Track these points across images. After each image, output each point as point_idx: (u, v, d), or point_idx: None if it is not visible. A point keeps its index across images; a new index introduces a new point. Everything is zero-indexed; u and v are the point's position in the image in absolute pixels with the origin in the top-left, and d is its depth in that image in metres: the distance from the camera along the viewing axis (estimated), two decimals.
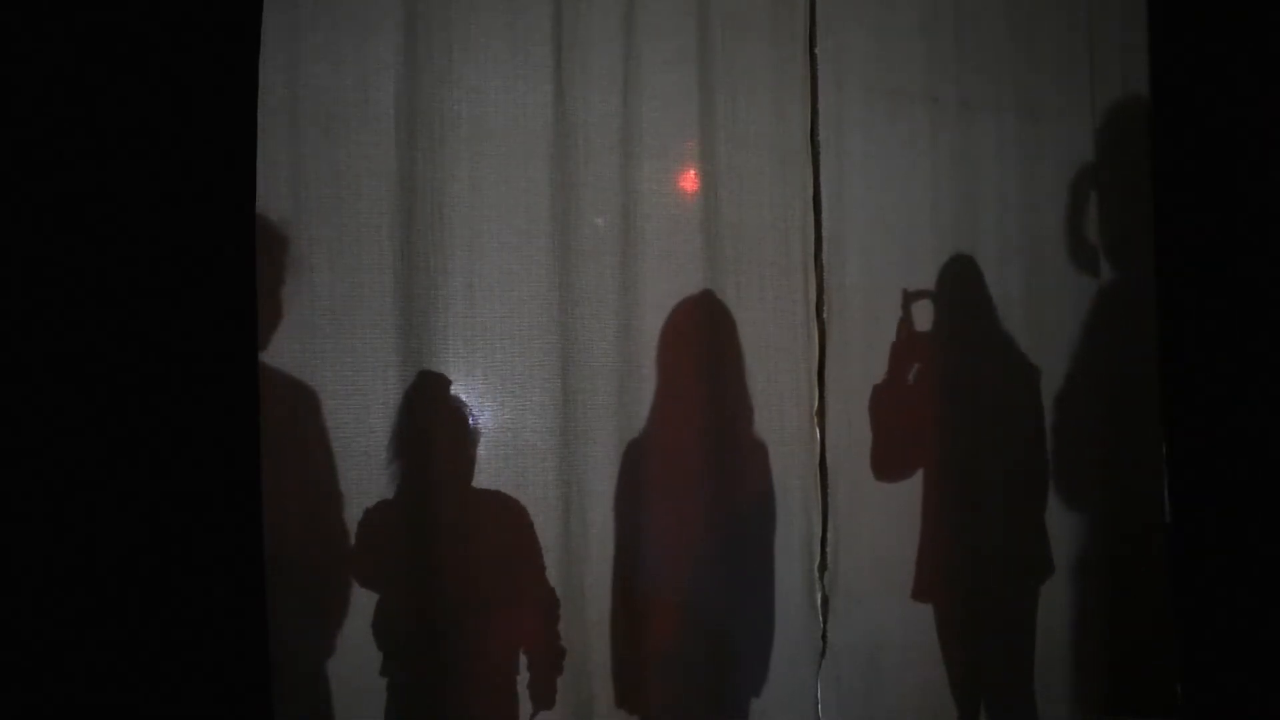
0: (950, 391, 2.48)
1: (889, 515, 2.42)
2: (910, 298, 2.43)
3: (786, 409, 2.29)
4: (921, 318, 2.44)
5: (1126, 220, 2.72)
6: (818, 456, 2.33)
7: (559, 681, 2.04)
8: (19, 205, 1.58)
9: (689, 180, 2.24)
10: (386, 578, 1.93)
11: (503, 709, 2.01)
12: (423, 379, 1.96)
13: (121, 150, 1.64)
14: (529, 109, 2.07)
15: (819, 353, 2.34)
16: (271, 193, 1.83)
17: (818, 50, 2.35)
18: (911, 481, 2.47)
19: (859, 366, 2.39)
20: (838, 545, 2.33)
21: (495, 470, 2.02)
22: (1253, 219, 2.57)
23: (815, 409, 2.34)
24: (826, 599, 2.32)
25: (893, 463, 2.41)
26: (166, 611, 1.63)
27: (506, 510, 2.02)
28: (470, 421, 2.01)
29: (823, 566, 2.32)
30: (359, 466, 1.91)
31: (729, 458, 2.22)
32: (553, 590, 2.04)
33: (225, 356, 1.69)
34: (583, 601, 2.08)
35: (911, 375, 2.43)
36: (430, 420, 1.97)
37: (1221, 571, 2.59)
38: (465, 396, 2.01)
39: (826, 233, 2.35)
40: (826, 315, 2.35)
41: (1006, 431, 2.55)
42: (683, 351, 2.18)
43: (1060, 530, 2.61)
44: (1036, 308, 2.61)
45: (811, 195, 2.34)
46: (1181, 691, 2.67)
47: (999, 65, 2.58)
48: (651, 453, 2.14)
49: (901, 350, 2.42)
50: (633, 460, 2.13)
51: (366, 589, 1.92)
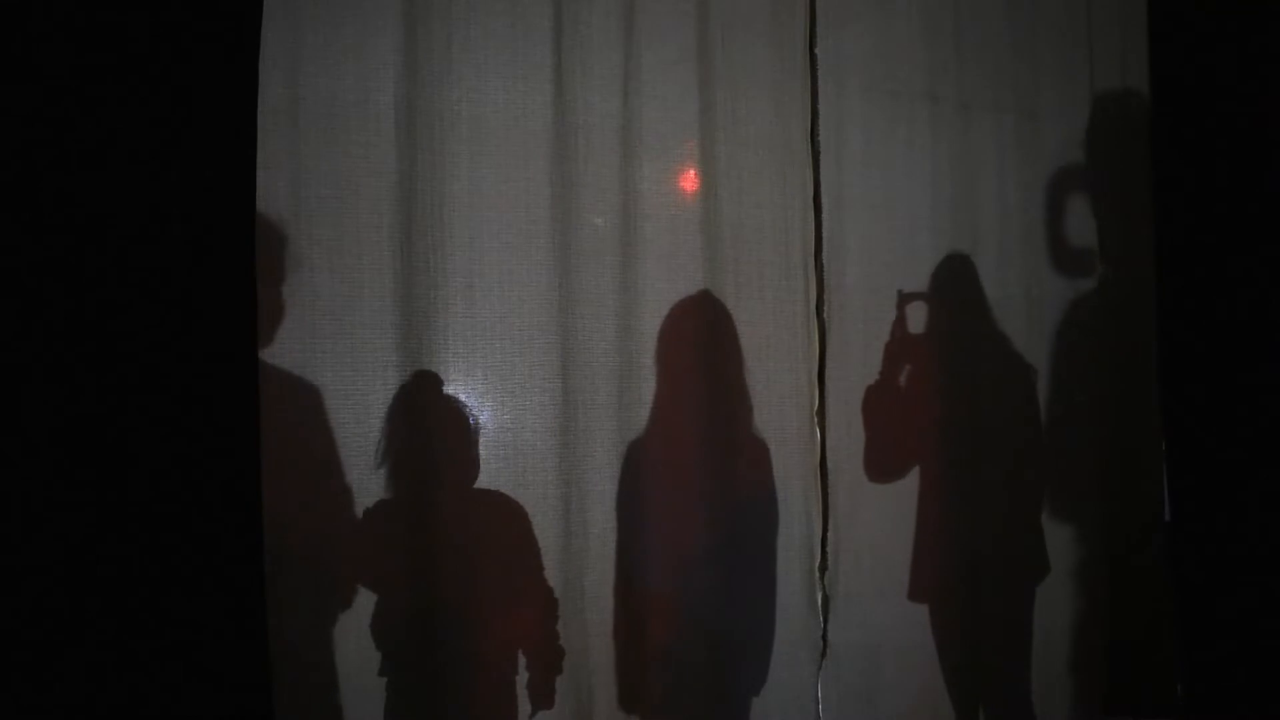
0: (946, 392, 2.48)
1: (889, 515, 2.42)
2: (905, 299, 2.42)
3: (786, 409, 2.29)
4: (915, 319, 2.44)
5: (1126, 220, 2.72)
6: (818, 456, 2.33)
7: (558, 681, 2.04)
8: (20, 205, 1.58)
9: (689, 180, 2.24)
10: (385, 577, 1.93)
11: (502, 709, 2.01)
12: (423, 379, 1.96)
13: (122, 150, 1.64)
14: (529, 109, 2.07)
15: (819, 353, 2.35)
16: (271, 193, 1.83)
17: (818, 50, 2.35)
18: (912, 481, 2.47)
19: (859, 366, 2.39)
20: (838, 545, 2.33)
21: (495, 470, 2.02)
22: (1252, 219, 2.57)
23: (815, 409, 2.34)
24: (827, 599, 2.32)
25: (886, 464, 2.41)
26: (166, 610, 1.62)
27: (505, 510, 2.02)
28: (470, 422, 2.01)
29: (823, 566, 2.32)
30: (359, 466, 1.91)
31: (729, 458, 2.22)
32: (551, 590, 2.04)
33: (225, 356, 1.69)
34: (583, 601, 2.08)
35: (904, 376, 2.43)
36: (430, 420, 1.97)
37: (1221, 571, 2.59)
38: (465, 396, 2.01)
39: (826, 233, 2.35)
40: (826, 315, 2.35)
41: (1003, 432, 2.55)
42: (683, 351, 2.18)
43: (1060, 530, 2.61)
44: (1036, 307, 2.61)
45: (811, 195, 2.34)
46: (1181, 691, 2.67)
47: (999, 65, 2.58)
48: (652, 453, 2.14)
49: (895, 351, 2.42)
50: (633, 460, 2.13)
51: (366, 588, 1.92)
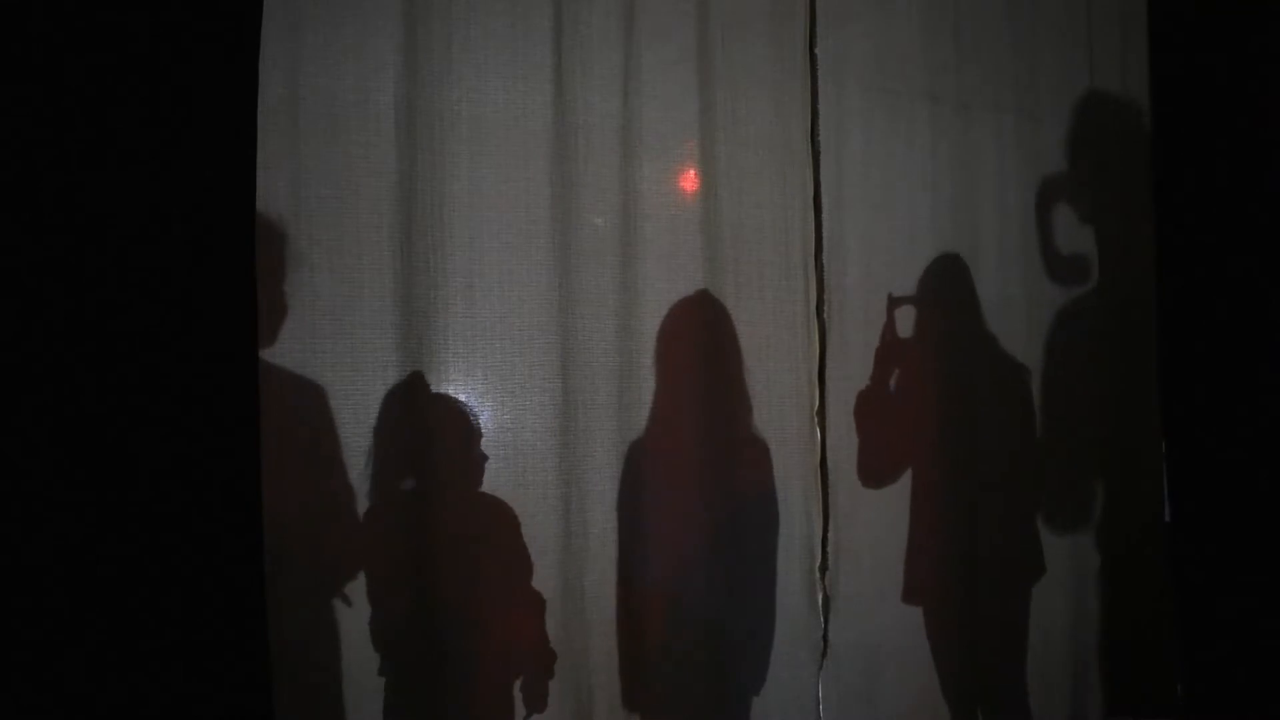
0: (939, 395, 2.47)
1: (890, 515, 2.42)
2: (894, 303, 2.42)
3: (787, 409, 2.29)
4: (905, 323, 2.44)
5: (1126, 220, 2.72)
6: (818, 456, 2.33)
7: (550, 685, 2.03)
8: (20, 205, 1.58)
9: (689, 180, 2.24)
10: (385, 577, 1.92)
11: (501, 709, 2.01)
12: (422, 379, 1.96)
13: (122, 150, 1.64)
14: (529, 109, 2.07)
15: (819, 353, 2.35)
16: (271, 193, 1.83)
17: (818, 50, 2.35)
18: (910, 483, 2.46)
19: (859, 366, 2.39)
20: (838, 545, 2.33)
21: (495, 470, 2.02)
22: (1252, 219, 2.57)
23: (815, 409, 2.34)
24: (827, 598, 2.32)
25: (879, 469, 2.40)
26: (166, 610, 1.62)
27: (497, 514, 2.01)
28: (471, 422, 2.01)
29: (823, 566, 2.32)
30: (359, 466, 1.91)
31: (729, 458, 2.22)
32: (539, 595, 2.03)
33: (225, 355, 1.69)
34: (583, 601, 2.08)
35: (894, 380, 2.42)
36: (430, 420, 1.97)
37: (1221, 571, 2.59)
38: (465, 396, 2.01)
39: (826, 233, 2.35)
40: (826, 315, 2.35)
41: (996, 433, 2.54)
42: (683, 351, 2.18)
43: (1060, 531, 2.61)
44: (1036, 308, 2.61)
45: (811, 195, 2.34)
46: (1181, 691, 2.67)
47: (999, 65, 2.58)
48: (652, 453, 2.14)
49: (885, 355, 2.41)
50: (633, 460, 2.13)
51: (366, 588, 1.91)
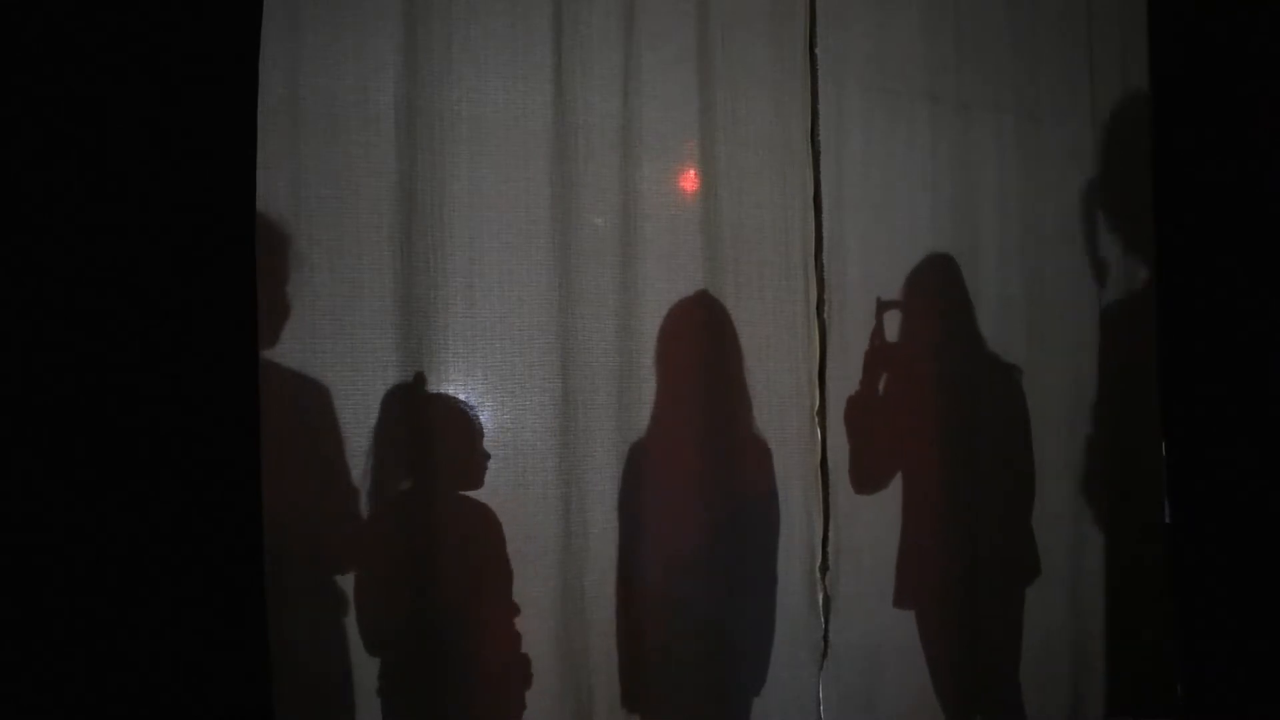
0: (930, 397, 2.47)
1: (890, 516, 2.42)
2: (883, 307, 2.41)
3: (787, 409, 2.29)
4: (893, 327, 2.43)
5: (1126, 220, 2.72)
6: (818, 457, 2.33)
7: (537, 691, 2.02)
8: (20, 205, 1.58)
9: (689, 180, 2.24)
10: (385, 577, 1.92)
11: (501, 710, 2.01)
12: (422, 379, 1.96)
13: (122, 150, 1.64)
14: (529, 109, 2.06)
15: (819, 353, 2.34)
16: (271, 193, 1.82)
17: (818, 50, 2.35)
18: (909, 485, 2.46)
19: (859, 367, 2.39)
20: (839, 545, 2.32)
21: (495, 470, 2.02)
22: (1253, 219, 2.57)
23: (815, 409, 2.33)
24: (828, 599, 2.32)
25: (871, 474, 2.39)
26: (166, 610, 1.62)
27: (480, 520, 2.00)
28: (471, 421, 2.01)
29: (824, 566, 2.32)
30: (359, 466, 1.91)
31: (730, 458, 2.22)
32: (516, 605, 2.01)
33: (225, 355, 1.69)
34: (583, 601, 2.07)
35: (883, 384, 2.41)
36: (429, 420, 1.96)
37: (1221, 572, 2.59)
38: (465, 396, 2.01)
39: (826, 233, 2.35)
40: (826, 315, 2.35)
41: (989, 435, 2.54)
42: (683, 351, 2.18)
43: (1060, 531, 2.61)
44: (1036, 308, 2.61)
45: (811, 195, 2.34)
46: (1181, 691, 2.67)
47: (999, 65, 2.58)
48: (652, 453, 2.14)
49: (874, 360, 2.40)
50: (633, 460, 2.12)
51: (366, 588, 1.91)
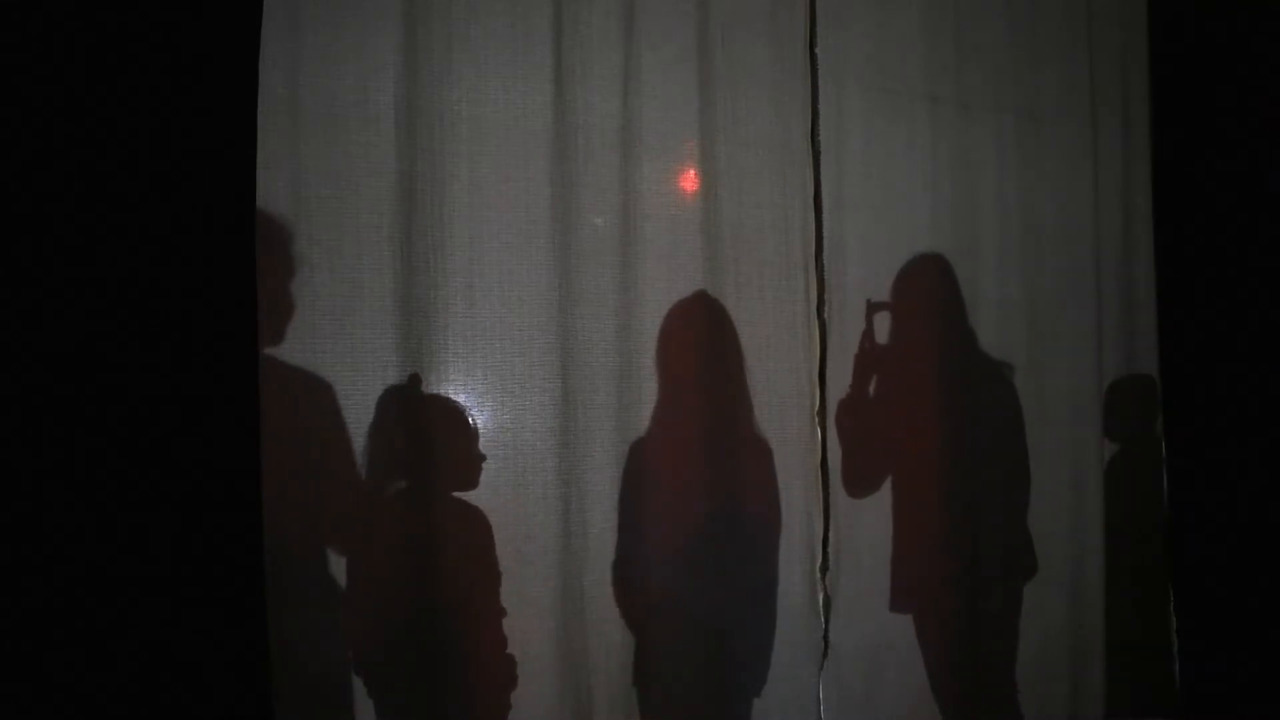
0: (924, 398, 2.46)
1: (890, 516, 2.41)
2: (873, 309, 2.40)
3: (787, 409, 2.28)
4: (883, 329, 2.43)
5: (1127, 220, 2.72)
6: (819, 457, 2.33)
7: (527, 695, 2.01)
8: (20, 205, 1.58)
9: (689, 180, 2.24)
10: (385, 577, 1.92)
11: (501, 710, 2.01)
12: (422, 380, 1.96)
13: (122, 149, 1.64)
14: (529, 109, 2.06)
15: (819, 353, 2.34)
16: (271, 193, 1.83)
17: (818, 50, 2.35)
18: (908, 486, 2.45)
19: None
20: (839, 545, 2.32)
21: (495, 470, 2.02)
22: (1252, 218, 2.57)
23: (816, 409, 2.33)
24: (828, 599, 2.32)
25: (863, 476, 2.38)
26: (166, 609, 1.63)
27: (470, 521, 2.00)
28: (470, 421, 2.01)
29: (824, 567, 2.32)
30: (359, 465, 1.90)
31: (730, 458, 2.22)
32: (504, 610, 2.01)
33: (226, 355, 1.70)
34: (583, 602, 2.07)
35: (874, 387, 2.41)
36: (429, 420, 1.96)
37: (1221, 571, 2.59)
38: (465, 396, 2.01)
39: (826, 233, 2.35)
40: (826, 315, 2.35)
41: (985, 433, 2.53)
42: (683, 351, 2.18)
43: (1059, 530, 2.61)
44: (1036, 308, 2.61)
45: (811, 195, 2.34)
46: (1181, 691, 2.67)
47: (999, 65, 2.58)
48: (652, 453, 2.14)
49: (864, 362, 2.39)
50: (634, 460, 2.12)
51: (365, 588, 1.91)
